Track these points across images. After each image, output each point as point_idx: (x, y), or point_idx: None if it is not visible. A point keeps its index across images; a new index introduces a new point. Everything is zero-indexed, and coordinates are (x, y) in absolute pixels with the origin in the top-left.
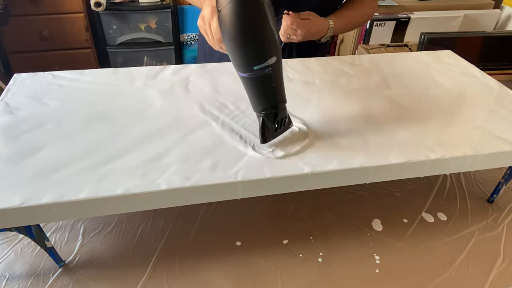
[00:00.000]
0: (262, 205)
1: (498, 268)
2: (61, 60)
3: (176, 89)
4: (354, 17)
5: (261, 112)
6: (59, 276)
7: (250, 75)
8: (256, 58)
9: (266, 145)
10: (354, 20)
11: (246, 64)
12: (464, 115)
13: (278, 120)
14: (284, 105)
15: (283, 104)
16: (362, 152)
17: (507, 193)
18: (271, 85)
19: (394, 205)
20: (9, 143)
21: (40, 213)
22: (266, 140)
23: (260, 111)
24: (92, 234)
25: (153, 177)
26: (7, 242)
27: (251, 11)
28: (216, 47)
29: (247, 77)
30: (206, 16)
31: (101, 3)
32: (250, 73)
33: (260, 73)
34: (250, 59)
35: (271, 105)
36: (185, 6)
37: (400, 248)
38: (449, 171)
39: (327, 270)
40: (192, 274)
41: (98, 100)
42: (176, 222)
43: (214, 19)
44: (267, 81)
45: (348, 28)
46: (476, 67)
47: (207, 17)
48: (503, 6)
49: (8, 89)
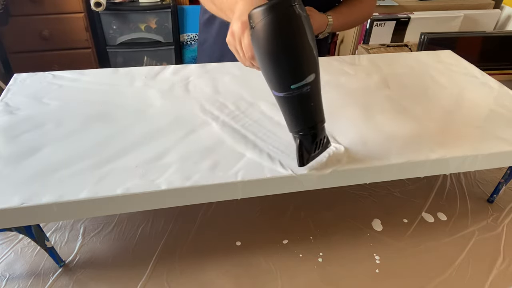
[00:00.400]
0: (262, 205)
1: (498, 268)
2: (61, 60)
3: (176, 89)
4: (353, 15)
5: (298, 133)
6: (59, 276)
7: (287, 94)
8: (294, 77)
9: None
10: (353, 17)
11: (282, 83)
12: (464, 115)
13: (316, 142)
14: (322, 125)
15: (321, 124)
16: (362, 152)
17: (507, 193)
18: (309, 105)
19: (394, 205)
20: (9, 143)
21: (40, 213)
22: (304, 164)
23: (297, 132)
24: (92, 234)
25: (153, 177)
26: (7, 242)
27: (287, 26)
28: (247, 64)
29: (283, 96)
30: (236, 32)
31: (101, 3)
32: (287, 92)
33: (298, 92)
34: (287, 78)
35: (309, 126)
36: (185, 6)
37: (400, 248)
38: (449, 171)
39: (327, 270)
40: (192, 274)
41: (98, 100)
42: (176, 222)
43: (245, 35)
44: (305, 100)
45: (347, 26)
46: (476, 67)
47: (237, 33)
48: (503, 6)
49: (8, 89)
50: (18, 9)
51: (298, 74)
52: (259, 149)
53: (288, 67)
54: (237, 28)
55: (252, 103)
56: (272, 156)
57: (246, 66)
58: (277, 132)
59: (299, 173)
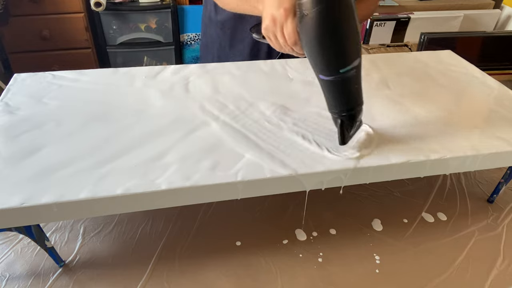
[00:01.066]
0: (262, 205)
1: (498, 268)
2: (61, 60)
3: (176, 89)
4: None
5: (340, 114)
6: (59, 276)
7: (335, 78)
8: (343, 61)
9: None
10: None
11: (331, 68)
12: (464, 115)
13: (356, 121)
14: (362, 106)
15: (362, 106)
16: (362, 152)
17: (507, 193)
18: (353, 87)
19: (394, 205)
20: (9, 143)
21: (40, 213)
22: (345, 142)
23: (340, 113)
24: (92, 234)
25: (153, 177)
26: (7, 242)
27: (341, 15)
28: (287, 50)
29: (331, 80)
30: (278, 19)
31: (101, 3)
32: (335, 76)
33: (345, 76)
34: (337, 63)
35: (352, 107)
36: (185, 6)
37: (400, 248)
38: (449, 171)
39: (327, 270)
40: (192, 274)
41: (98, 100)
42: (176, 222)
43: (288, 21)
44: (350, 83)
45: None
46: (476, 67)
47: (280, 20)
48: (503, 6)
49: (8, 89)
50: (18, 9)
51: (347, 58)
52: (259, 149)
53: (338, 53)
54: (279, 15)
55: (252, 103)
56: (272, 156)
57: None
58: (277, 132)
59: (299, 173)
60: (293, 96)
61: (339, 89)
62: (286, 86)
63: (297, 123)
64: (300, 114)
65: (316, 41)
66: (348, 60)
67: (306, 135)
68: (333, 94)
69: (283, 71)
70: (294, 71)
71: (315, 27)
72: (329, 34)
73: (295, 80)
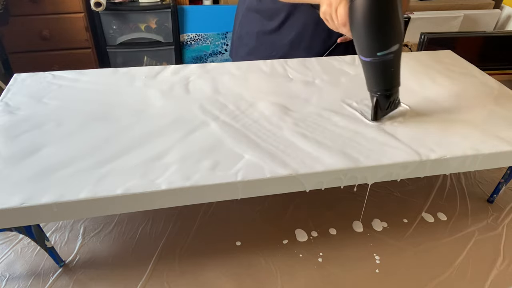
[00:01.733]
0: (262, 205)
1: (498, 268)
2: (61, 60)
3: (176, 89)
4: None
5: (376, 92)
6: (59, 276)
7: (373, 60)
8: (382, 45)
9: None
10: None
11: (370, 50)
12: (464, 115)
13: (390, 101)
14: (397, 88)
15: (397, 88)
16: (363, 152)
17: (507, 193)
18: (390, 70)
19: (394, 205)
20: (9, 143)
21: (40, 213)
22: (377, 118)
23: (375, 92)
24: (92, 234)
25: (153, 177)
26: (7, 242)
27: (385, 3)
28: (339, 30)
29: (369, 61)
30: (333, 2)
31: (101, 3)
32: (373, 58)
33: (382, 59)
34: (375, 46)
35: (386, 88)
36: (185, 6)
37: (400, 248)
38: (449, 171)
39: (327, 270)
40: (192, 274)
41: (98, 100)
42: (176, 222)
43: (342, 4)
44: (387, 66)
45: None
46: (476, 67)
47: (335, 3)
48: (503, 6)
49: (8, 89)
50: (18, 9)
51: (385, 43)
52: (259, 149)
53: (378, 37)
54: None
55: (252, 103)
56: (272, 156)
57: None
58: (277, 132)
59: (299, 173)
60: (293, 96)
61: (377, 71)
62: (286, 86)
63: (297, 123)
64: (300, 114)
65: (360, 25)
66: (386, 45)
67: (306, 135)
68: (370, 74)
69: (283, 71)
70: (294, 71)
71: (361, 12)
72: (373, 20)
73: (295, 80)
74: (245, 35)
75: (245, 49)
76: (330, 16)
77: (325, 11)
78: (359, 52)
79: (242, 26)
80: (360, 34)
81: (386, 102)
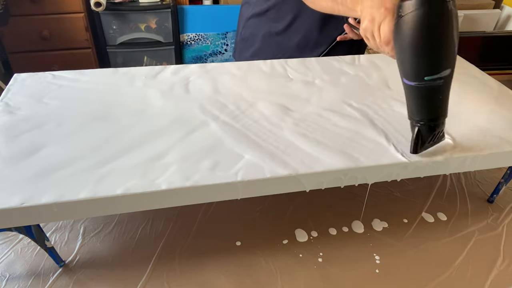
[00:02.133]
0: (262, 205)
1: (498, 268)
2: (61, 60)
3: (176, 89)
4: None
5: (418, 122)
6: (59, 276)
7: (418, 84)
8: (431, 69)
9: None
10: None
11: (417, 73)
12: (464, 115)
13: (434, 133)
14: (444, 119)
15: (443, 118)
16: (363, 152)
17: (507, 193)
18: (438, 98)
19: (394, 205)
20: (9, 143)
21: (40, 213)
22: (417, 152)
23: (418, 121)
24: (92, 234)
25: (153, 177)
26: (7, 242)
27: (438, 21)
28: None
29: (414, 85)
30: (377, 18)
31: (101, 3)
32: (419, 82)
33: (430, 84)
34: (423, 69)
35: (431, 118)
36: (185, 6)
37: (400, 248)
38: (449, 171)
39: (327, 270)
40: (192, 274)
41: (98, 100)
42: (176, 222)
43: (386, 21)
44: (435, 93)
45: None
46: (476, 67)
47: (378, 19)
48: (503, 6)
49: (8, 89)
50: (18, 9)
51: (435, 67)
52: (259, 149)
53: (427, 60)
54: (379, 14)
55: (252, 103)
56: (272, 156)
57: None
58: (277, 132)
59: (299, 173)
60: (293, 96)
61: (421, 97)
62: (286, 86)
63: (297, 123)
64: (300, 114)
65: (407, 44)
66: (436, 69)
67: (306, 135)
68: (414, 101)
69: (283, 71)
70: (294, 71)
71: (409, 30)
72: (422, 39)
73: (295, 80)
74: (250, 36)
75: (250, 51)
76: (372, 34)
77: (366, 28)
78: (402, 75)
79: (247, 28)
80: (407, 55)
81: (430, 134)
